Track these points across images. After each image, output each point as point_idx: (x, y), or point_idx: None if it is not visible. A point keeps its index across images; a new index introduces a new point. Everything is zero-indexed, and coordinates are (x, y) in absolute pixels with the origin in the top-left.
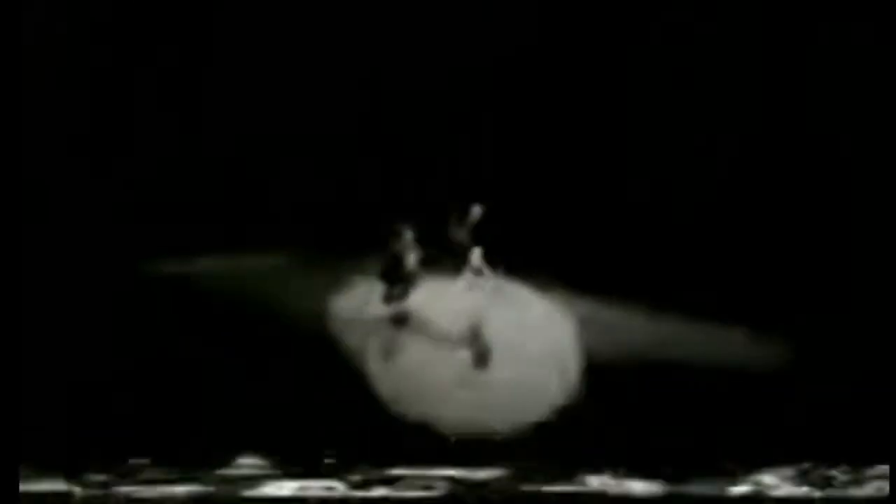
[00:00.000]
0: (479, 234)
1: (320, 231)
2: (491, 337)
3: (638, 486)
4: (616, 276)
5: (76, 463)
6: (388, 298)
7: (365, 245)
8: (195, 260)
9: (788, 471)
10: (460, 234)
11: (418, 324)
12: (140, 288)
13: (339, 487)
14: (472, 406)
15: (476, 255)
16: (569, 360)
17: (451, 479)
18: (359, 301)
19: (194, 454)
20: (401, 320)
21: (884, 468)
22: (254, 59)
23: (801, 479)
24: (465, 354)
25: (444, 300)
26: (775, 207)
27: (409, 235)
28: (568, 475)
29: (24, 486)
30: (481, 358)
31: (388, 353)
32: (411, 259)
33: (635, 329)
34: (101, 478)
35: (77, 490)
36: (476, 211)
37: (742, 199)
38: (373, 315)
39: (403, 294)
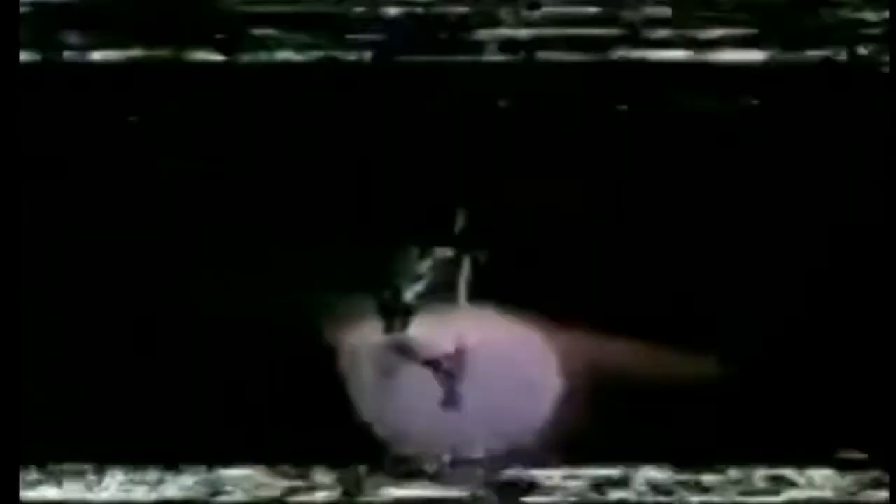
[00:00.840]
0: (463, 266)
1: (319, 260)
2: (470, 371)
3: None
4: (602, 305)
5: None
6: (389, 329)
7: (365, 277)
8: (193, 287)
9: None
10: (444, 265)
11: (416, 353)
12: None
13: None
14: (447, 435)
15: (461, 287)
16: (548, 388)
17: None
18: (360, 333)
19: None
20: (401, 349)
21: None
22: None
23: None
24: (439, 390)
25: (438, 331)
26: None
27: (408, 262)
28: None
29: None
30: (450, 398)
31: (384, 380)
32: (411, 290)
33: (620, 357)
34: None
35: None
36: (459, 219)
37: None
38: (373, 344)
39: (403, 324)
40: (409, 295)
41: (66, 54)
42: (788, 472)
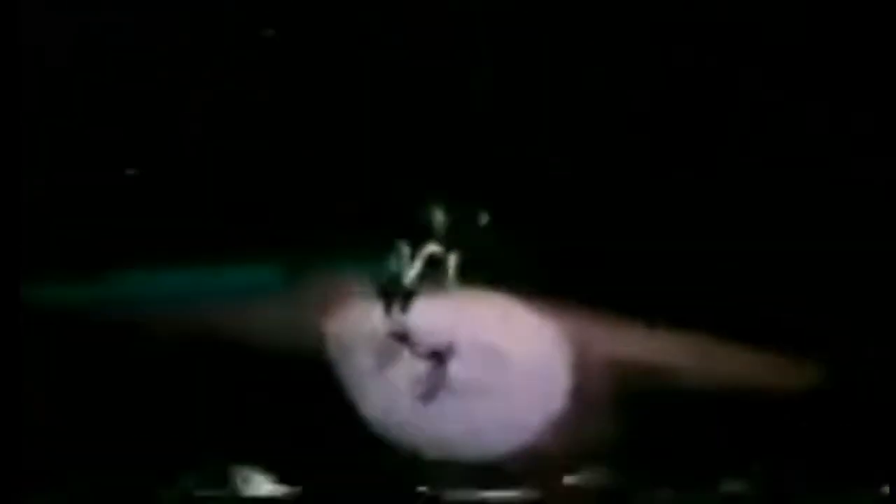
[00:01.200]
0: (454, 241)
1: (311, 245)
2: (460, 363)
3: None
4: (614, 286)
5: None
6: (388, 313)
7: (359, 260)
8: (172, 272)
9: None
10: (435, 245)
11: (415, 341)
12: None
13: None
14: (440, 431)
15: (452, 263)
16: (555, 380)
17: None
18: (357, 318)
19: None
20: (400, 336)
21: None
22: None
23: None
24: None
25: (433, 317)
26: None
27: (405, 250)
28: None
29: None
30: (429, 392)
31: (382, 369)
32: (409, 274)
33: (633, 346)
34: None
35: None
36: (439, 217)
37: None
38: (371, 331)
39: (403, 309)
40: (408, 279)
41: None
42: None
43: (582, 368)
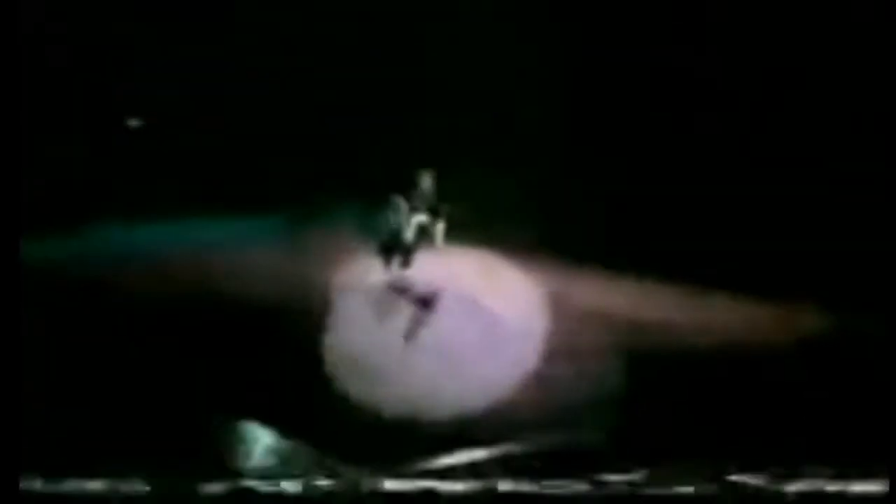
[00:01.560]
0: (441, 203)
1: (312, 200)
2: (442, 316)
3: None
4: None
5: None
6: (388, 267)
7: (361, 215)
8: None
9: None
10: (420, 206)
11: (412, 291)
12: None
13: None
14: (421, 385)
15: (440, 230)
16: (534, 338)
17: None
18: (358, 272)
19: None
20: (400, 289)
21: None
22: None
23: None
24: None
25: (419, 272)
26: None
27: (403, 205)
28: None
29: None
30: (412, 334)
31: (377, 322)
32: (410, 229)
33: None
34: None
35: None
36: (426, 180)
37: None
38: (372, 284)
39: (404, 263)
40: (407, 237)
41: None
42: None
43: (563, 325)
